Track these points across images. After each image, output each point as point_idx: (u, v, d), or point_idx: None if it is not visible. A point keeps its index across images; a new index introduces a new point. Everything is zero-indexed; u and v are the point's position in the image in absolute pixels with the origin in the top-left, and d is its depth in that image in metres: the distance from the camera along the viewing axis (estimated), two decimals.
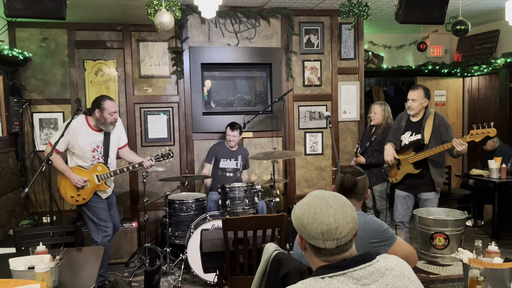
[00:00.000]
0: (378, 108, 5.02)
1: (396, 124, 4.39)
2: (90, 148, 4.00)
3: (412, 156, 4.08)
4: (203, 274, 4.10)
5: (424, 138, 4.06)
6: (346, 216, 1.36)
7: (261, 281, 2.25)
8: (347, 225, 1.35)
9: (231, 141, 5.16)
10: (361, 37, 6.00)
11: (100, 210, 4.05)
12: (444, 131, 4.04)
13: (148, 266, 4.03)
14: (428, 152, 3.99)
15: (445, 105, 7.49)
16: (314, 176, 5.96)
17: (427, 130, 4.07)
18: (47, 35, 5.21)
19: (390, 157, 4.23)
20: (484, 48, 7.03)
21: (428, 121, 4.10)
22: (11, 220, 4.54)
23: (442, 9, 4.16)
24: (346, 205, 1.39)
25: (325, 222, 1.34)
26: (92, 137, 4.01)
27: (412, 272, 1.43)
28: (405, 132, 4.23)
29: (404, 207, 4.25)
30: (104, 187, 4.09)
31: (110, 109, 3.97)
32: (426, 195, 4.13)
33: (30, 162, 5.22)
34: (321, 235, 1.34)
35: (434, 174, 4.07)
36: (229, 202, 4.52)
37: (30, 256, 2.36)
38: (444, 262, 2.50)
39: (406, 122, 4.26)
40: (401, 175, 4.21)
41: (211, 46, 5.56)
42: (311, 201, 1.40)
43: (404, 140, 4.22)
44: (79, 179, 3.93)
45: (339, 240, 1.35)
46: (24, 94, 5.18)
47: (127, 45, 5.39)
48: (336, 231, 1.34)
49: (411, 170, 4.11)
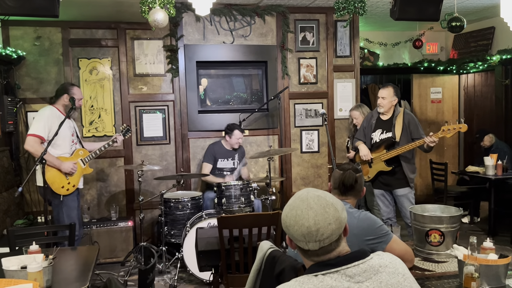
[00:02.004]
0: (356, 113, 5.18)
1: (366, 122, 4.48)
2: (70, 133, 4.08)
3: (384, 153, 4.18)
4: (199, 273, 4.09)
5: (396, 136, 4.17)
6: (328, 217, 1.33)
7: (255, 279, 2.24)
8: (329, 226, 1.32)
9: (238, 143, 5.12)
10: (356, 34, 5.99)
11: (73, 211, 4.06)
12: (414, 129, 4.17)
13: (142, 265, 4.01)
14: (401, 149, 4.10)
15: (441, 102, 7.50)
16: (311, 174, 5.95)
17: (397, 128, 4.18)
18: (41, 34, 5.18)
19: (367, 156, 4.30)
20: (479, 45, 7.03)
21: (398, 119, 4.22)
22: (6, 219, 4.52)
23: (437, 6, 4.16)
24: (328, 205, 1.35)
25: (305, 225, 1.32)
26: (68, 124, 4.07)
27: (406, 269, 1.42)
28: (376, 130, 4.33)
29: (386, 203, 4.37)
30: (89, 170, 4.27)
31: (78, 95, 4.16)
32: (401, 191, 4.23)
33: (25, 162, 5.18)
34: (303, 237, 1.33)
35: (407, 170, 4.18)
36: (225, 201, 4.51)
37: (23, 256, 2.34)
38: (439, 258, 2.49)
39: (376, 120, 4.36)
40: (373, 173, 4.31)
41: (206, 44, 5.54)
42: (293, 203, 1.38)
43: (375, 138, 4.32)
44: (71, 165, 3.99)
45: (321, 242, 1.32)
46: (18, 93, 5.15)
47: (121, 43, 5.36)
48: (317, 233, 1.31)
49: (383, 167, 4.21)
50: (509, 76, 6.47)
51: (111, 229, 4.99)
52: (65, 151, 4.05)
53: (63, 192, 4.01)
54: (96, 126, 5.36)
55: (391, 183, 4.27)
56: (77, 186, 4.13)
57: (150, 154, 5.50)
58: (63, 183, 3.99)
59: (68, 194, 4.03)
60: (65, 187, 4.00)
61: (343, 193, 2.34)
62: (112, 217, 5.13)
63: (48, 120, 3.92)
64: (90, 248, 3.13)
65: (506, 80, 6.50)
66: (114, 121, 5.39)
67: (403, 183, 4.22)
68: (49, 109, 4.06)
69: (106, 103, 5.38)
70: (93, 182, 5.35)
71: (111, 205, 5.27)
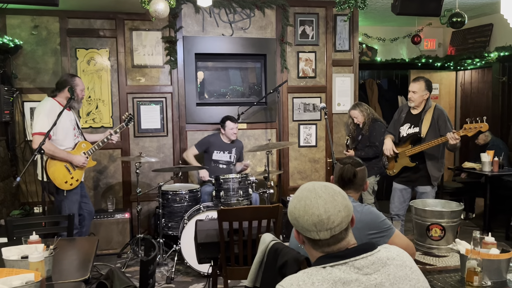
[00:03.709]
0: (355, 112, 5.14)
1: (397, 115, 4.36)
2: (72, 126, 4.04)
3: (408, 149, 4.08)
4: (196, 265, 4.08)
5: (421, 131, 4.04)
6: (337, 204, 1.35)
7: (258, 271, 2.24)
8: (339, 213, 1.34)
9: (234, 134, 5.11)
10: (356, 29, 5.98)
11: (74, 205, 4.04)
12: (442, 125, 4.00)
13: (143, 256, 4.00)
14: (424, 145, 3.97)
15: (438, 98, 7.51)
16: (308, 168, 5.95)
17: (425, 123, 4.04)
18: (39, 23, 5.12)
19: (389, 150, 4.20)
20: (477, 42, 7.04)
21: (428, 114, 4.07)
22: (2, 210, 4.48)
23: (439, 1, 4.17)
24: (336, 193, 1.37)
25: (315, 213, 1.33)
26: (69, 116, 4.04)
27: (413, 262, 1.43)
28: (404, 124, 4.20)
29: (401, 200, 4.26)
30: (92, 163, 4.27)
31: (81, 86, 4.13)
32: (423, 189, 4.13)
33: (21, 152, 5.14)
34: (314, 226, 1.34)
35: (431, 168, 4.05)
36: (223, 194, 4.49)
37: (23, 246, 2.33)
38: (440, 253, 2.50)
39: (406, 114, 4.24)
40: (398, 168, 4.20)
41: (205, 36, 5.51)
42: (301, 194, 1.40)
43: (402, 132, 4.20)
44: (83, 158, 4.00)
45: (332, 230, 1.34)
46: (15, 82, 5.10)
47: (120, 34, 5.31)
48: (328, 221, 1.33)
49: (407, 163, 4.10)
50: (506, 73, 6.50)
51: (107, 221, 4.97)
52: (68, 145, 4.01)
53: (67, 187, 3.96)
54: (93, 117, 5.32)
55: (414, 180, 4.15)
56: (81, 180, 4.09)
57: (147, 146, 5.48)
58: (66, 178, 3.95)
59: (72, 189, 4.00)
60: (68, 182, 3.96)
61: (342, 187, 2.34)
62: (108, 208, 5.11)
63: (50, 115, 3.82)
64: (90, 239, 3.12)
65: (503, 77, 6.52)
66: (111, 112, 5.36)
67: (426, 181, 4.08)
68: (50, 103, 3.96)
69: (103, 94, 5.34)
70: (90, 174, 5.32)
71: (107, 196, 5.25)
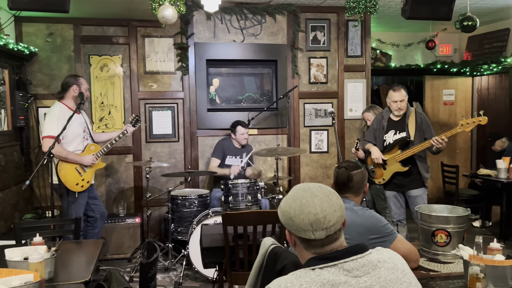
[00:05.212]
0: (369, 114, 5.07)
1: (377, 124, 4.35)
2: (81, 129, 4.09)
3: (398, 154, 4.08)
4: (204, 270, 4.07)
5: (410, 135, 4.08)
6: (333, 204, 1.35)
7: (257, 275, 2.22)
8: (335, 213, 1.34)
9: (245, 139, 5.12)
10: (368, 34, 5.94)
11: (81, 208, 4.09)
12: (427, 128, 4.10)
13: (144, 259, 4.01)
14: (416, 148, 4.01)
15: (454, 104, 7.40)
16: (319, 174, 5.91)
17: (411, 127, 4.10)
18: (53, 30, 5.23)
19: (379, 158, 4.17)
20: (494, 47, 6.92)
21: (411, 118, 4.14)
22: (15, 213, 4.56)
23: (449, 5, 4.11)
24: (331, 193, 1.38)
25: (312, 212, 1.32)
26: (78, 119, 4.09)
27: (406, 265, 1.39)
28: (388, 131, 4.22)
29: (397, 205, 4.25)
30: (102, 164, 4.30)
31: (85, 85, 4.16)
32: (416, 192, 4.12)
33: (35, 157, 5.23)
34: (310, 225, 1.33)
35: (422, 169, 4.09)
36: (232, 199, 4.48)
37: (26, 247, 2.35)
38: (445, 259, 2.44)
39: (387, 121, 4.26)
40: (389, 174, 4.19)
41: (217, 42, 5.54)
42: (296, 194, 1.39)
43: (388, 139, 4.21)
44: (91, 157, 4.03)
45: (328, 229, 1.33)
46: (30, 88, 5.20)
47: (132, 40, 5.38)
48: (325, 220, 1.32)
49: (399, 168, 4.11)
50: None
51: (118, 225, 5.01)
52: (77, 148, 4.07)
53: (78, 189, 4.02)
54: (106, 123, 5.39)
55: (405, 184, 4.15)
56: (91, 182, 4.16)
57: (159, 152, 5.51)
58: (77, 180, 4.00)
59: (83, 191, 4.06)
60: (79, 184, 4.02)
61: (339, 191, 2.30)
62: (120, 213, 5.15)
63: (59, 119, 3.89)
64: (95, 242, 3.14)
65: None
66: (123, 118, 5.42)
67: (419, 184, 4.12)
68: (58, 107, 4.04)
69: (116, 100, 5.41)
70: (102, 179, 5.38)
71: (119, 201, 5.29)
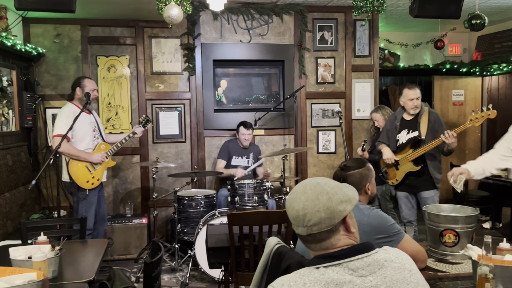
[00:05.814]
0: (377, 115, 5.00)
1: (390, 125, 4.31)
2: (91, 128, 4.14)
3: (410, 153, 4.03)
4: (210, 271, 4.05)
5: (421, 134, 4.03)
6: (317, 204, 1.31)
7: (262, 274, 2.20)
8: (317, 213, 1.31)
9: (246, 140, 5.10)
10: (376, 33, 5.90)
11: (92, 206, 4.12)
12: (440, 128, 4.03)
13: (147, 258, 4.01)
14: (427, 146, 3.94)
15: (463, 104, 7.32)
16: (327, 174, 5.86)
17: (423, 126, 4.05)
18: (61, 31, 5.25)
19: (391, 159, 4.13)
20: (504, 47, 6.84)
21: (423, 117, 4.08)
22: (22, 213, 4.57)
23: (458, 4, 4.05)
24: (322, 193, 1.33)
25: (295, 208, 1.34)
26: (88, 118, 4.14)
27: (413, 265, 1.36)
28: (401, 131, 4.18)
29: (409, 206, 4.20)
30: (112, 163, 4.35)
31: (90, 86, 4.17)
32: (427, 194, 4.07)
33: (43, 157, 5.25)
34: (293, 220, 1.36)
35: (432, 170, 4.04)
36: (238, 199, 4.45)
37: (31, 246, 2.35)
38: (454, 260, 2.40)
39: (400, 121, 4.22)
40: (401, 175, 4.14)
41: (224, 42, 5.53)
42: (296, 187, 1.41)
43: (401, 139, 4.17)
44: (100, 155, 4.07)
45: (309, 228, 1.32)
46: (38, 89, 5.23)
47: (139, 41, 5.39)
48: (304, 218, 1.32)
49: (411, 167, 4.05)
50: None
51: (125, 226, 5.01)
52: (88, 146, 4.12)
53: (88, 187, 4.08)
54: (113, 123, 5.39)
55: (417, 185, 4.10)
56: (102, 180, 4.20)
57: (166, 152, 5.51)
58: (87, 177, 4.06)
59: (93, 189, 4.10)
60: (90, 182, 4.07)
61: None
62: (127, 214, 5.15)
63: (68, 118, 3.96)
64: (100, 242, 3.13)
65: None
66: (131, 119, 5.42)
67: (430, 185, 4.06)
68: (67, 107, 4.13)
69: (123, 100, 5.41)
70: (110, 179, 5.38)
71: (126, 202, 5.29)
